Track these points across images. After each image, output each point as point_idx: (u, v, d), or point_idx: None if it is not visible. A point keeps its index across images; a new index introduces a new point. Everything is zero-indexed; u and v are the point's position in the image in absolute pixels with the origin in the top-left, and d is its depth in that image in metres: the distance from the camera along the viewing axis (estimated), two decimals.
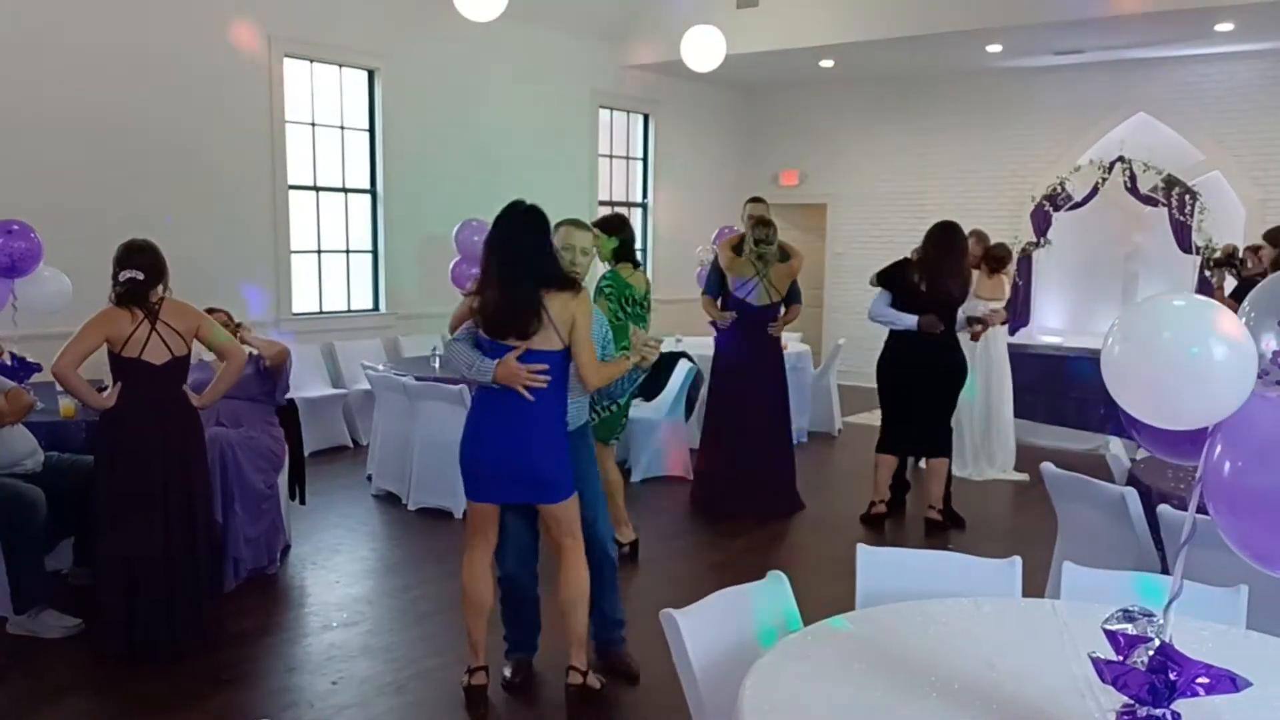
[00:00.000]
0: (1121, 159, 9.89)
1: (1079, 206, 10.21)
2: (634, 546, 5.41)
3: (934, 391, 5.97)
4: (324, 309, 8.67)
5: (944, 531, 6.09)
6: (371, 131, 8.80)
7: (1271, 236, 7.16)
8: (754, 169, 12.58)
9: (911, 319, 5.82)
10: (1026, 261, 10.55)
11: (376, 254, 8.95)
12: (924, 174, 11.50)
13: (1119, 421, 1.99)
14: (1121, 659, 1.73)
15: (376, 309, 9.01)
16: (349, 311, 8.84)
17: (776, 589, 2.52)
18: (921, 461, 6.81)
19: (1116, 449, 4.47)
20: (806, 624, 2.43)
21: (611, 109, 11.16)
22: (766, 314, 6.18)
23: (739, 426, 6.24)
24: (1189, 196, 9.57)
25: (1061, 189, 10.25)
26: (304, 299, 8.50)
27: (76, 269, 5.63)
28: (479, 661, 3.75)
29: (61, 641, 4.17)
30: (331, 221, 8.70)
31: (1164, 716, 1.71)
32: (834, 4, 9.39)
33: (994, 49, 9.71)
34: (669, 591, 4.84)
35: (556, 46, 10.13)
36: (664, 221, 11.77)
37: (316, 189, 8.54)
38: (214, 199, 7.59)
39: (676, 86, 11.45)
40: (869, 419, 6.32)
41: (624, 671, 3.94)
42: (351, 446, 8.02)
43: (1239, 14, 8.05)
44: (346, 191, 8.76)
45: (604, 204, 10.87)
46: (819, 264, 11.98)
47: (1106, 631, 1.76)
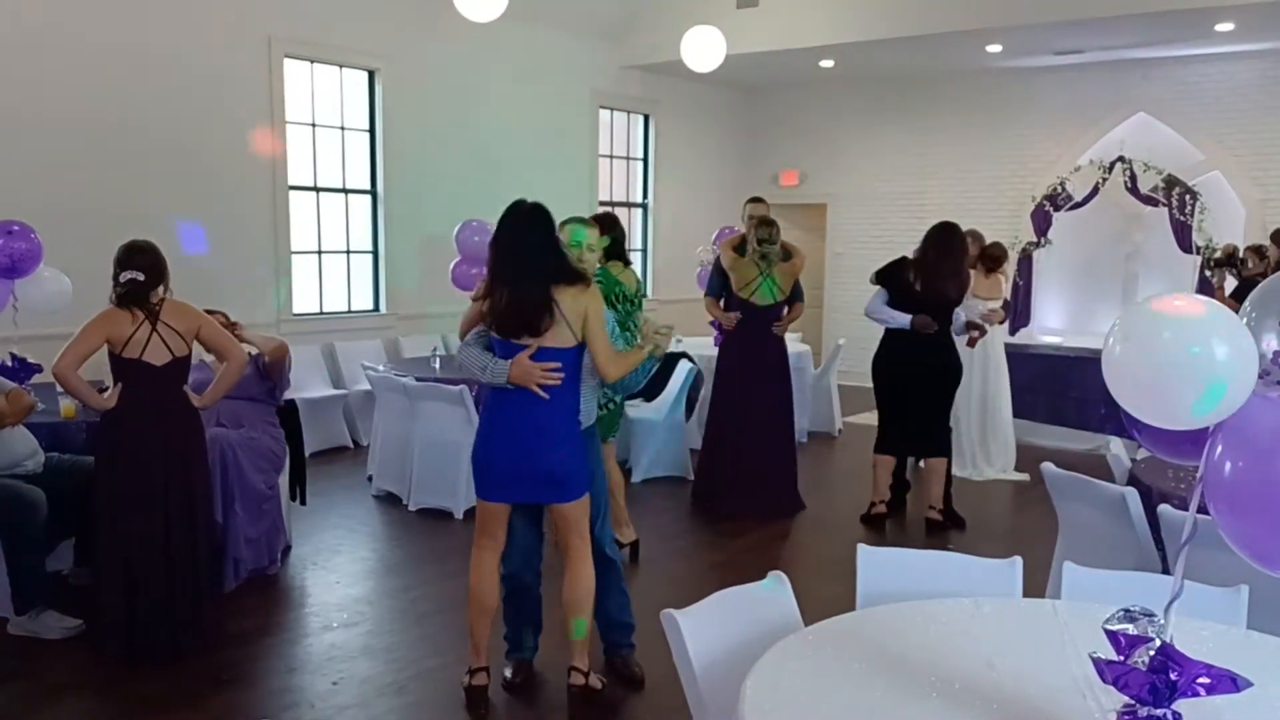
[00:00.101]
0: (1122, 159, 9.89)
1: (1079, 206, 10.21)
2: (634, 546, 5.41)
3: (929, 391, 5.96)
4: (324, 309, 8.68)
5: (944, 531, 6.09)
6: (372, 132, 8.80)
7: (1278, 237, 7.18)
8: (754, 169, 12.58)
9: (905, 318, 5.82)
10: (1027, 261, 10.55)
11: (377, 254, 8.96)
12: (924, 174, 11.50)
13: (1119, 421, 1.99)
14: (1122, 659, 1.73)
15: (377, 310, 9.01)
16: (349, 312, 8.84)
17: (778, 589, 2.52)
18: (921, 461, 6.81)
19: (1117, 449, 4.47)
20: (807, 624, 2.43)
21: (612, 109, 11.15)
22: (771, 313, 6.19)
23: (743, 426, 6.24)
24: (1189, 196, 9.58)
25: (1062, 189, 10.26)
26: (304, 299, 8.51)
27: (77, 270, 5.64)
28: (481, 662, 3.74)
29: (62, 642, 4.17)
30: (332, 222, 8.70)
31: (1165, 716, 1.70)
32: (834, 4, 9.40)
33: (994, 49, 9.71)
34: (669, 591, 4.84)
35: (557, 47, 10.13)
36: (664, 222, 11.78)
37: (317, 189, 8.54)
38: (214, 200, 7.60)
39: (677, 86, 11.45)
40: (869, 419, 6.32)
41: (628, 676, 3.92)
42: (352, 447, 8.02)
43: (1239, 14, 8.04)
44: (347, 192, 8.76)
45: (604, 204, 10.87)
46: (819, 264, 11.98)
47: (1107, 631, 1.76)
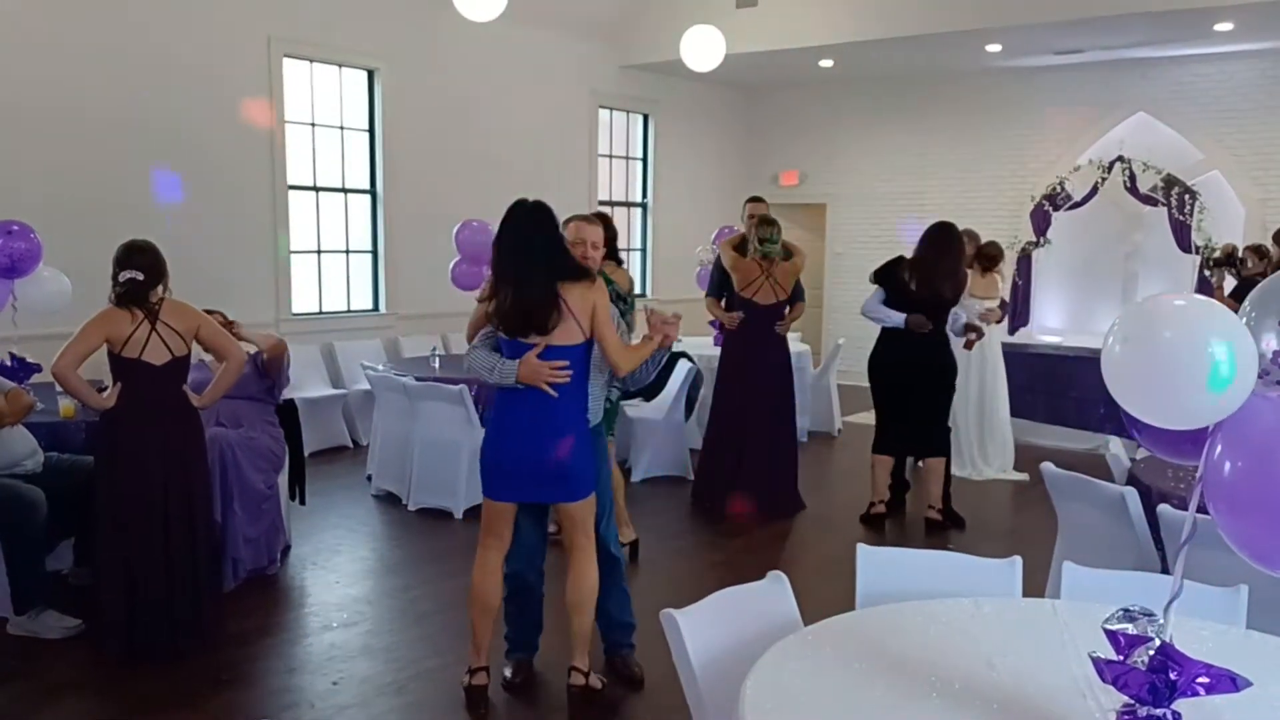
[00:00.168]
0: (1121, 159, 9.89)
1: (1078, 206, 10.21)
2: (634, 546, 5.41)
3: (925, 391, 5.96)
4: (324, 309, 8.68)
5: (944, 531, 6.10)
6: (371, 132, 8.80)
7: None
8: (754, 169, 12.58)
9: (899, 317, 5.83)
10: (1026, 261, 10.55)
11: (376, 254, 8.96)
12: (924, 174, 11.50)
13: (1119, 421, 1.99)
14: (1122, 659, 1.73)
15: (376, 309, 9.01)
16: (349, 312, 8.84)
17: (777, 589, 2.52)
18: (920, 461, 6.81)
19: (1116, 449, 4.47)
20: (807, 624, 2.43)
21: (611, 109, 11.15)
22: (773, 313, 6.20)
23: (745, 426, 6.25)
24: (1188, 196, 9.58)
25: (1061, 189, 10.26)
26: (304, 299, 8.51)
27: (76, 269, 5.63)
28: (481, 661, 3.75)
29: (62, 642, 4.17)
30: (331, 222, 8.70)
31: (1164, 716, 1.71)
32: (833, 4, 9.40)
33: (993, 49, 9.71)
34: (669, 591, 4.84)
35: (556, 46, 10.12)
36: (664, 221, 11.78)
37: (316, 189, 8.54)
38: (214, 199, 7.60)
39: (676, 86, 11.45)
40: (868, 419, 6.32)
41: (627, 676, 3.92)
42: (351, 447, 8.02)
43: (1238, 14, 8.04)
44: (346, 192, 8.76)
45: (604, 204, 10.87)
46: (819, 264, 11.98)
47: (1107, 631, 1.76)
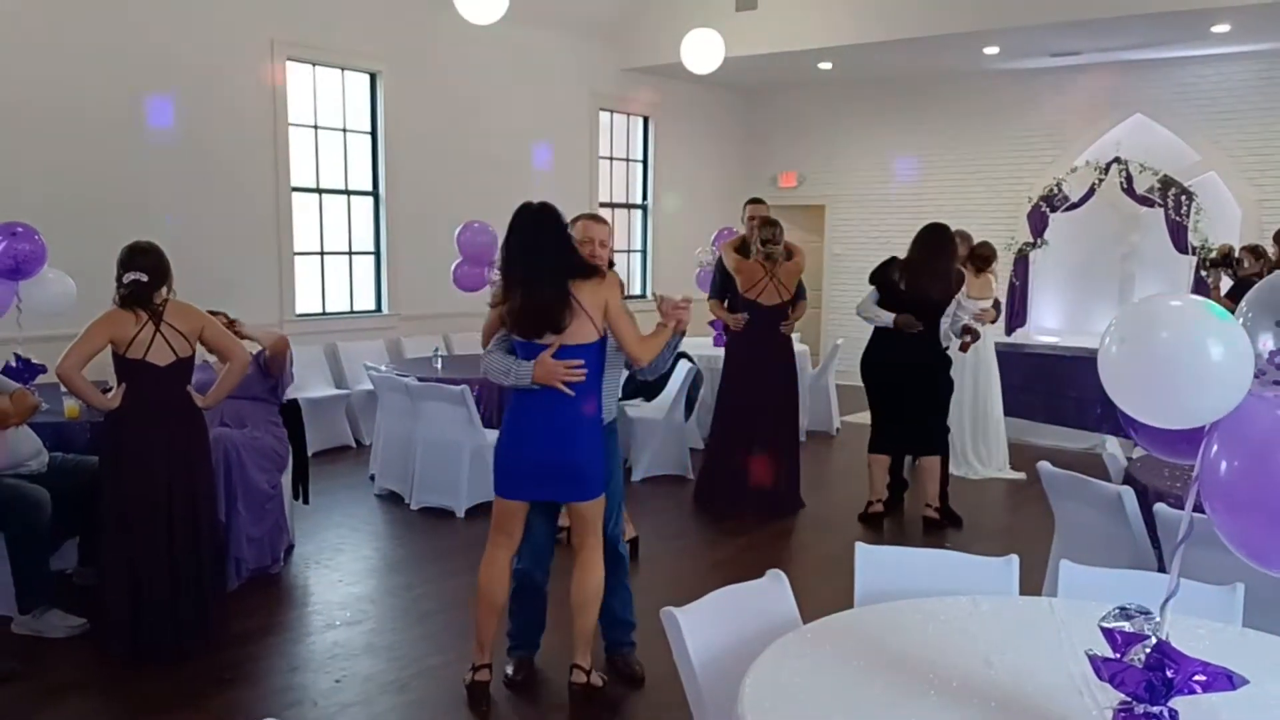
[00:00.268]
0: (1118, 160, 9.91)
1: (1076, 207, 10.23)
2: (634, 545, 5.43)
3: (915, 389, 5.98)
4: (327, 310, 8.70)
5: (941, 530, 6.12)
6: (374, 134, 8.82)
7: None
8: (753, 170, 12.60)
9: (889, 317, 5.85)
10: (1023, 262, 10.57)
11: (379, 255, 8.97)
12: (922, 175, 11.52)
13: (1116, 421, 2.00)
14: (1118, 656, 1.74)
15: (379, 310, 9.03)
16: (352, 312, 8.86)
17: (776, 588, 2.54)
18: (916, 460, 6.82)
19: (1113, 448, 4.48)
20: (806, 622, 2.44)
21: (612, 111, 11.17)
22: (777, 313, 6.22)
23: (751, 426, 6.27)
24: (1185, 197, 9.60)
25: (1058, 190, 10.28)
26: (307, 300, 8.53)
27: (80, 271, 5.64)
28: (484, 659, 3.76)
29: (66, 641, 4.18)
30: (334, 223, 8.72)
31: (1161, 714, 1.71)
32: (832, 7, 9.41)
33: (991, 51, 9.73)
34: (669, 590, 4.84)
35: (557, 49, 10.14)
36: (664, 223, 11.79)
37: (319, 191, 8.56)
38: (217, 201, 7.62)
39: (676, 89, 11.46)
40: (866, 418, 6.34)
41: (628, 675, 3.94)
42: (354, 446, 8.04)
43: (1235, 15, 8.06)
44: (349, 193, 8.78)
45: (604, 205, 10.89)
46: (818, 265, 11.99)
47: (1103, 629, 1.77)
